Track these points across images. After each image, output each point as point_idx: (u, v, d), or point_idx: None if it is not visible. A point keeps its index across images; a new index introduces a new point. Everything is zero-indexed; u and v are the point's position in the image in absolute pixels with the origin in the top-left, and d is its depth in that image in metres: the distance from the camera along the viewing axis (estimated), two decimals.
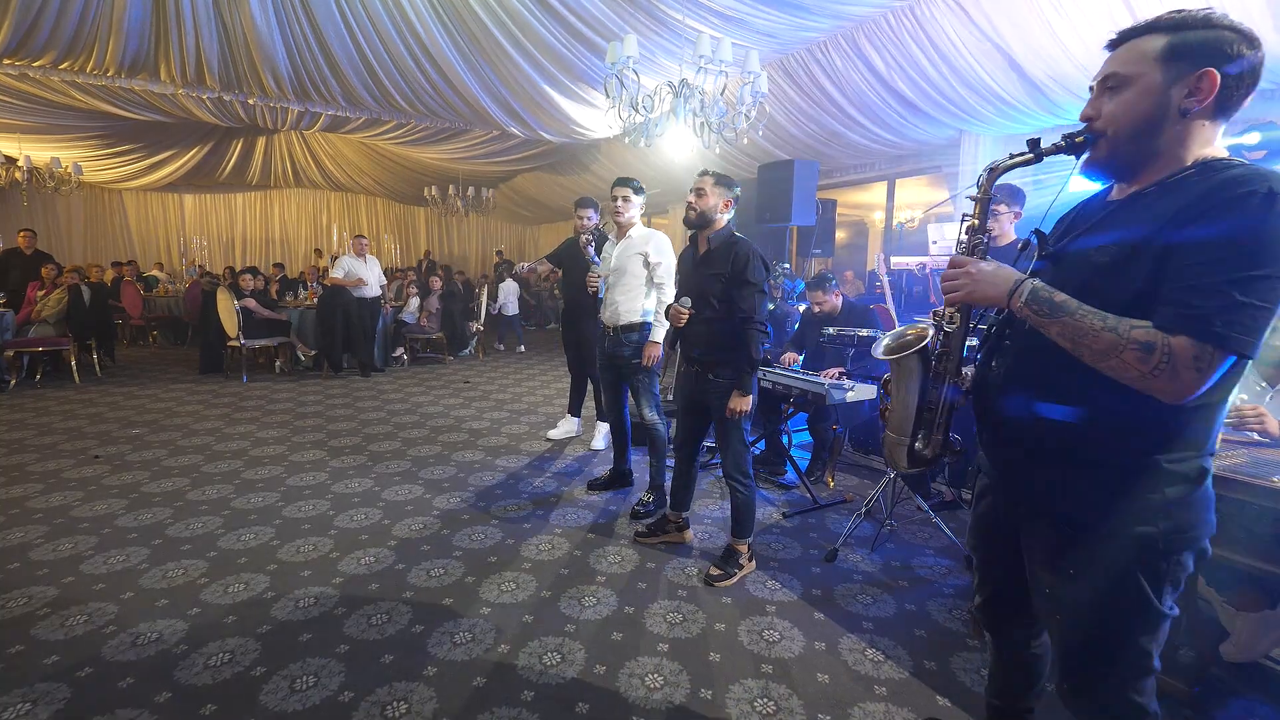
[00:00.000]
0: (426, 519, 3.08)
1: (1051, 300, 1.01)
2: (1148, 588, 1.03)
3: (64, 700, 1.81)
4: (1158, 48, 0.99)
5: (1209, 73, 0.96)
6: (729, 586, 2.50)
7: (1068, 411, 1.05)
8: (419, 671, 1.96)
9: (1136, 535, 1.02)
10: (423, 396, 5.78)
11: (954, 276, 1.13)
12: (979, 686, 1.93)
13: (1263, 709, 1.83)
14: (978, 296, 1.11)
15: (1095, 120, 1.06)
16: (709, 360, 2.50)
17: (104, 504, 3.21)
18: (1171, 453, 1.01)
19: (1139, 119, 1.01)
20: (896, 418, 1.29)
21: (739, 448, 2.51)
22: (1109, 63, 1.06)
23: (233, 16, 5.21)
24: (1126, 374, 0.94)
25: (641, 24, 5.01)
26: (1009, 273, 1.08)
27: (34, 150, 8.74)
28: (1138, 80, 1.00)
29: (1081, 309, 0.98)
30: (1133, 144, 1.03)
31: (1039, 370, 1.09)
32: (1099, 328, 0.96)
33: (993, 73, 4.65)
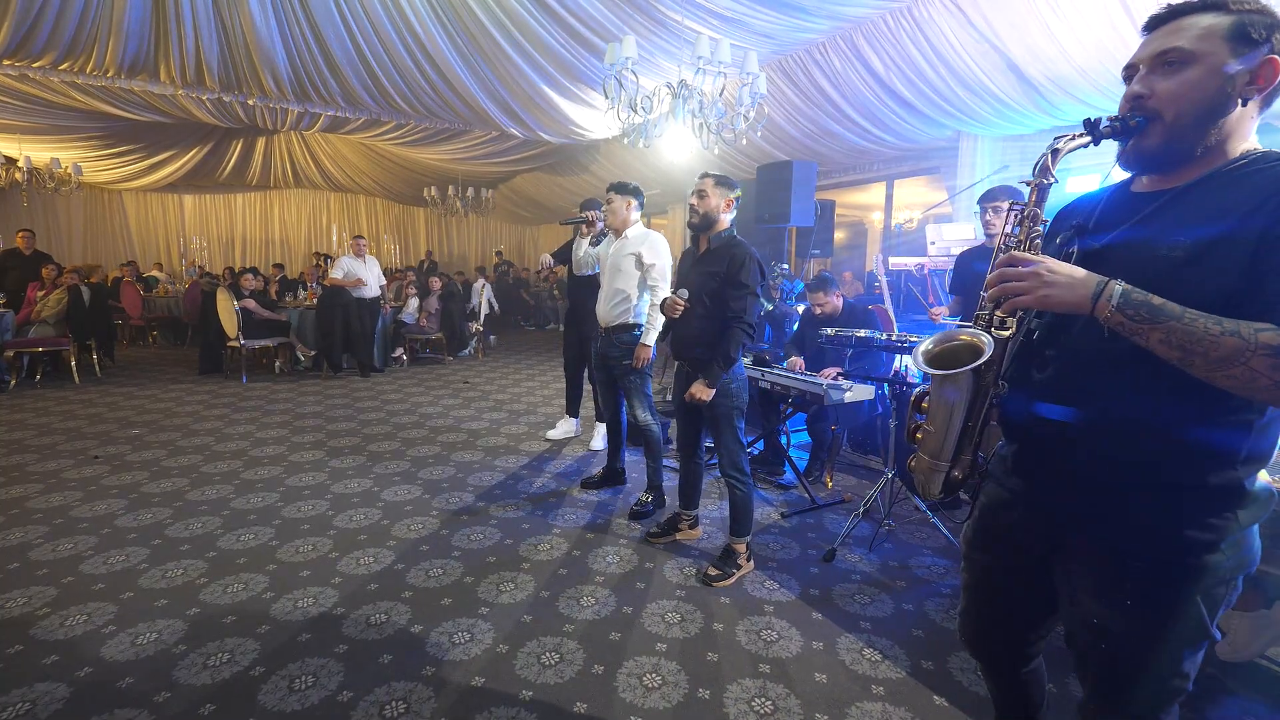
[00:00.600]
0: (425, 519, 3.09)
1: (1150, 304, 0.87)
2: (1206, 616, 0.96)
3: (63, 700, 1.82)
4: (1225, 25, 0.90)
5: (1273, 59, 0.90)
6: (727, 586, 2.51)
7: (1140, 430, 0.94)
8: (417, 672, 1.96)
9: (1206, 564, 0.93)
10: (422, 397, 5.79)
11: (1020, 276, 0.95)
12: (976, 686, 1.94)
13: (1258, 708, 1.84)
14: (1054, 301, 0.93)
15: (1148, 99, 0.95)
16: (699, 359, 2.53)
17: (103, 504, 3.22)
18: (1249, 469, 0.93)
19: (1203, 101, 0.92)
20: (935, 442, 1.10)
21: (733, 445, 2.54)
22: (1161, 37, 0.95)
23: (232, 17, 5.21)
24: (1255, 383, 0.82)
25: (640, 25, 5.02)
26: (1086, 274, 0.93)
27: (34, 151, 8.74)
28: (1204, 59, 0.91)
29: (1188, 313, 0.86)
30: (1194, 130, 0.93)
31: (1104, 384, 0.98)
32: (1217, 333, 0.83)
33: (990, 74, 4.66)
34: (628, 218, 3.20)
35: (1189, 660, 0.99)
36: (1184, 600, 0.95)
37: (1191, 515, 0.93)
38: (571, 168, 10.06)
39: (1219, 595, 0.96)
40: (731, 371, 2.49)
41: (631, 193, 3.19)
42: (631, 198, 3.19)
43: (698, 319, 2.50)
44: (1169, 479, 0.94)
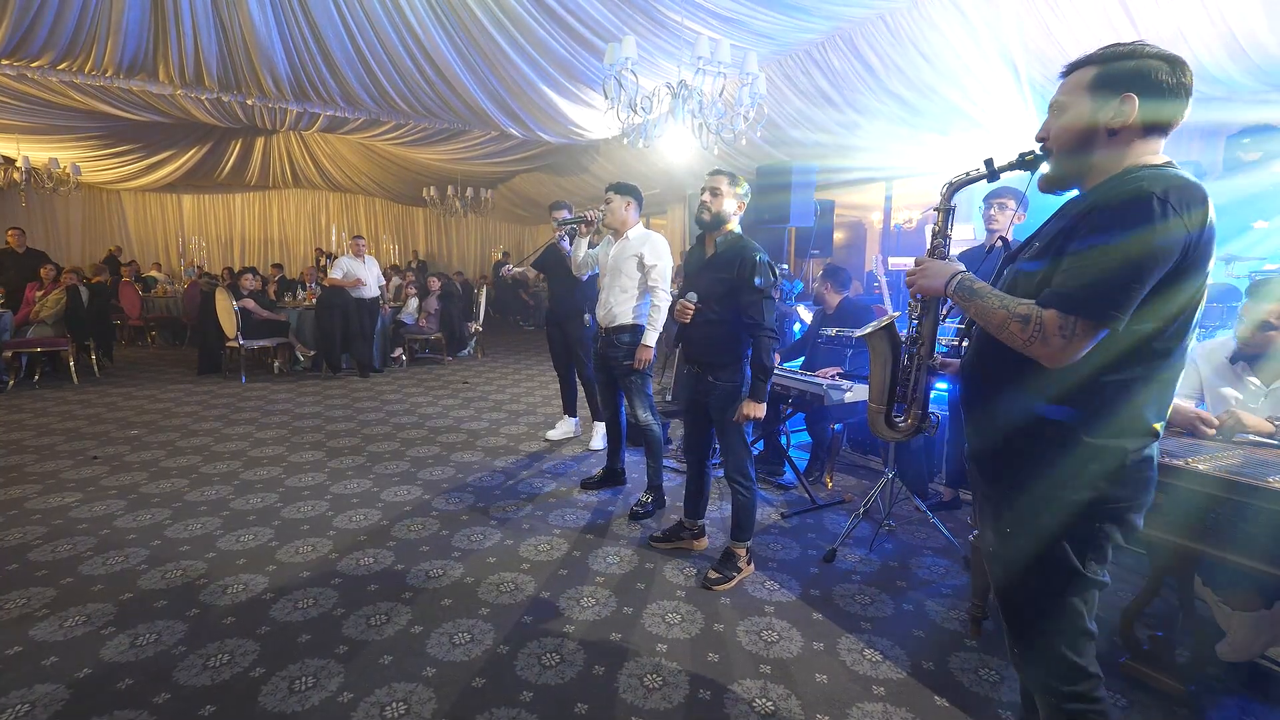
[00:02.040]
0: (425, 520, 3.09)
1: (971, 287, 1.21)
2: (1072, 551, 1.15)
3: (63, 702, 1.82)
4: (1089, 78, 1.16)
5: (1129, 97, 1.11)
6: (727, 590, 2.50)
7: (1004, 388, 1.22)
8: (418, 672, 1.96)
9: (1066, 500, 1.14)
10: (421, 397, 5.78)
11: (911, 271, 1.36)
12: (977, 686, 1.94)
13: (1258, 708, 1.84)
14: (925, 286, 1.32)
15: (1046, 140, 1.24)
16: (709, 362, 2.50)
17: (102, 505, 3.21)
18: (1093, 432, 1.13)
19: (1074, 137, 1.18)
20: (874, 389, 1.51)
21: (740, 450, 2.52)
22: (1058, 90, 1.23)
23: (231, 17, 5.20)
24: (1014, 342, 1.12)
25: (640, 25, 5.02)
26: (949, 266, 1.29)
27: (32, 151, 8.73)
28: (1071, 107, 1.18)
29: (991, 293, 1.18)
30: (1071, 159, 1.20)
31: (986, 352, 1.27)
32: (995, 306, 1.16)
33: (990, 74, 4.66)
34: (627, 218, 3.20)
35: (1075, 598, 1.17)
36: (1047, 529, 1.16)
37: (1047, 458, 1.16)
38: (571, 168, 10.05)
39: (1086, 536, 1.15)
40: (744, 377, 2.46)
41: (630, 193, 3.18)
42: (630, 198, 3.18)
43: (707, 323, 2.46)
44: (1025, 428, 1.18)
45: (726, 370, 2.46)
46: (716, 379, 2.48)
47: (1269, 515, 1.54)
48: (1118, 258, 1.03)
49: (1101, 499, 1.13)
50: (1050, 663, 1.20)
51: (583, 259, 3.62)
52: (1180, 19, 3.73)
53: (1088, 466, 1.13)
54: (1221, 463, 1.67)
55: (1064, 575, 1.16)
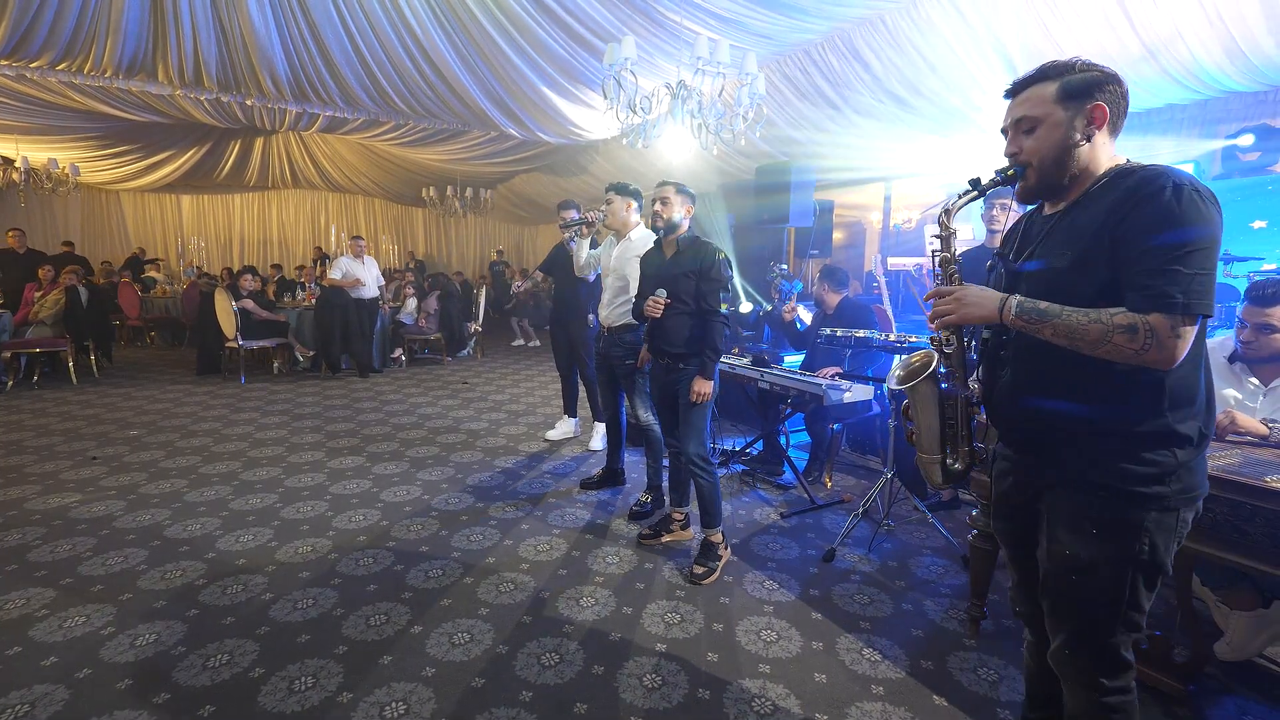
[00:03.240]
0: (425, 520, 3.09)
1: (1037, 308, 1.17)
2: (1160, 544, 1.16)
3: (62, 702, 1.82)
4: (1052, 93, 1.21)
5: (1099, 105, 1.19)
6: (715, 581, 2.53)
7: (1077, 398, 1.19)
8: (417, 672, 1.96)
9: (1154, 494, 1.14)
10: (421, 397, 5.78)
11: (945, 303, 1.28)
12: (976, 685, 1.95)
13: (1256, 707, 1.84)
14: (972, 317, 1.26)
15: (1020, 155, 1.26)
16: (679, 352, 2.65)
17: (102, 505, 3.21)
18: (1177, 414, 1.14)
19: (1054, 148, 1.22)
20: (925, 439, 1.41)
21: (701, 434, 2.62)
22: (1016, 108, 1.27)
23: (230, 18, 5.20)
24: (1120, 355, 1.10)
25: (639, 26, 5.02)
26: (991, 293, 1.25)
27: (31, 151, 8.72)
28: (1045, 119, 1.22)
29: (1065, 310, 1.14)
30: (1054, 168, 1.23)
31: (1043, 368, 1.23)
32: (1085, 322, 1.12)
33: (988, 74, 4.67)
34: (628, 219, 3.21)
35: (1145, 594, 1.19)
36: (1136, 525, 1.16)
37: (1134, 454, 1.15)
38: (570, 168, 10.05)
39: (1167, 525, 1.16)
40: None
41: (631, 194, 3.19)
42: (631, 199, 3.19)
43: (676, 316, 2.62)
44: (1106, 429, 1.18)
45: (696, 359, 2.62)
46: (687, 365, 2.64)
47: (1267, 515, 1.54)
48: (1195, 250, 1.06)
49: (1183, 488, 1.15)
50: (1103, 658, 1.21)
51: (585, 260, 3.63)
52: (1178, 19, 3.74)
53: (1176, 454, 1.14)
54: (1219, 462, 1.68)
55: (1147, 570, 1.17)
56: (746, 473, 3.81)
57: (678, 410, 2.73)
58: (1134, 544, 1.16)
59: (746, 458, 3.94)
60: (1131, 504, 1.16)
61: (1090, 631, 1.22)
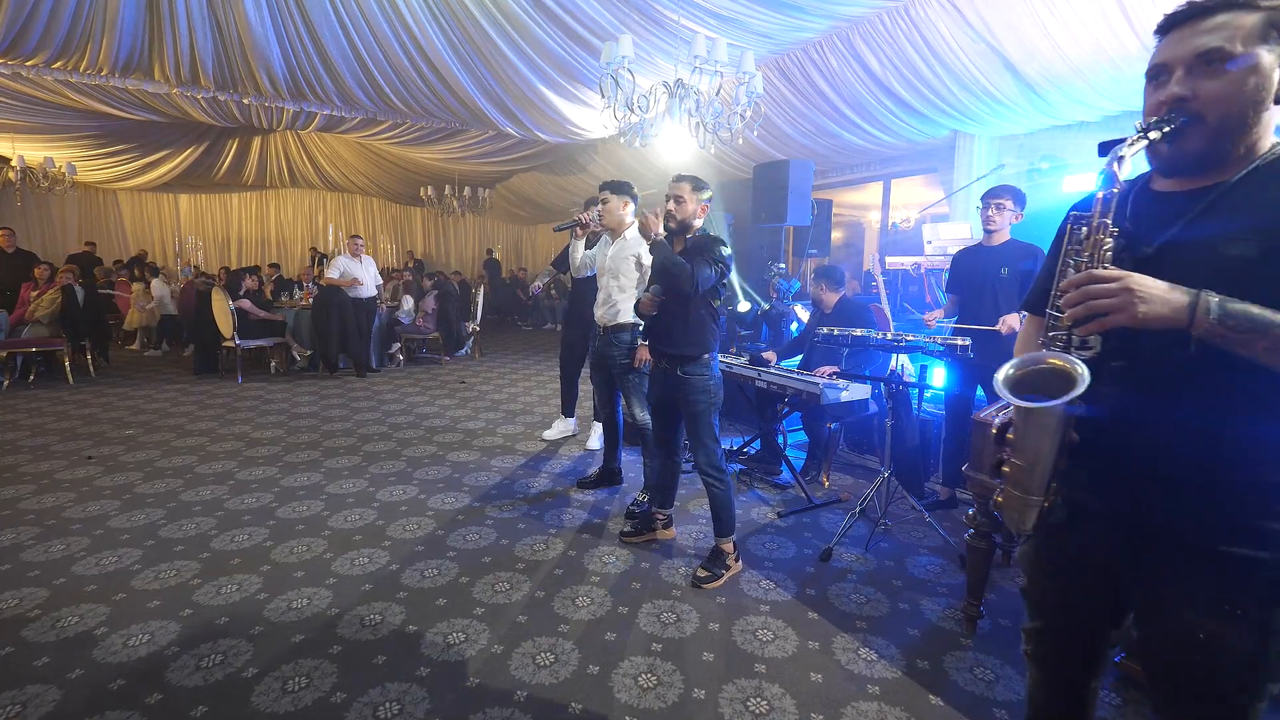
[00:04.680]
0: (421, 519, 3.08)
1: (1250, 314, 0.85)
2: None
3: (54, 702, 1.81)
4: (1258, 23, 0.89)
5: None
6: (718, 588, 2.50)
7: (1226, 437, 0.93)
8: (412, 672, 1.95)
9: None
10: (418, 397, 5.77)
11: (1110, 293, 0.90)
12: (972, 686, 1.94)
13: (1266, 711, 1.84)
14: (1151, 318, 0.89)
15: (1191, 101, 0.92)
16: (678, 355, 2.54)
17: (97, 505, 3.20)
18: None
19: (1248, 101, 0.90)
20: (1026, 475, 1.03)
21: (710, 443, 2.55)
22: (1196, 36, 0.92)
23: (227, 15, 5.19)
24: None
25: (637, 24, 5.01)
26: (1175, 287, 0.90)
27: (28, 150, 8.70)
28: (1245, 59, 0.89)
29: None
30: (1237, 129, 0.92)
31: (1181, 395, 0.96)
32: None
33: (987, 73, 4.66)
34: (624, 218, 3.20)
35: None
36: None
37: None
38: (569, 167, 10.04)
39: None
40: (712, 370, 2.53)
41: (627, 192, 3.18)
42: (627, 197, 3.18)
43: (679, 316, 2.52)
44: (1260, 479, 0.91)
45: (695, 364, 2.51)
46: (686, 373, 2.52)
47: None
48: None
49: None
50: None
51: (580, 260, 3.62)
52: None
53: None
54: None
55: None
56: (744, 472, 3.80)
57: (673, 413, 2.69)
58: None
59: (744, 457, 3.94)
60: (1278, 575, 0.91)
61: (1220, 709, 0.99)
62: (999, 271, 2.96)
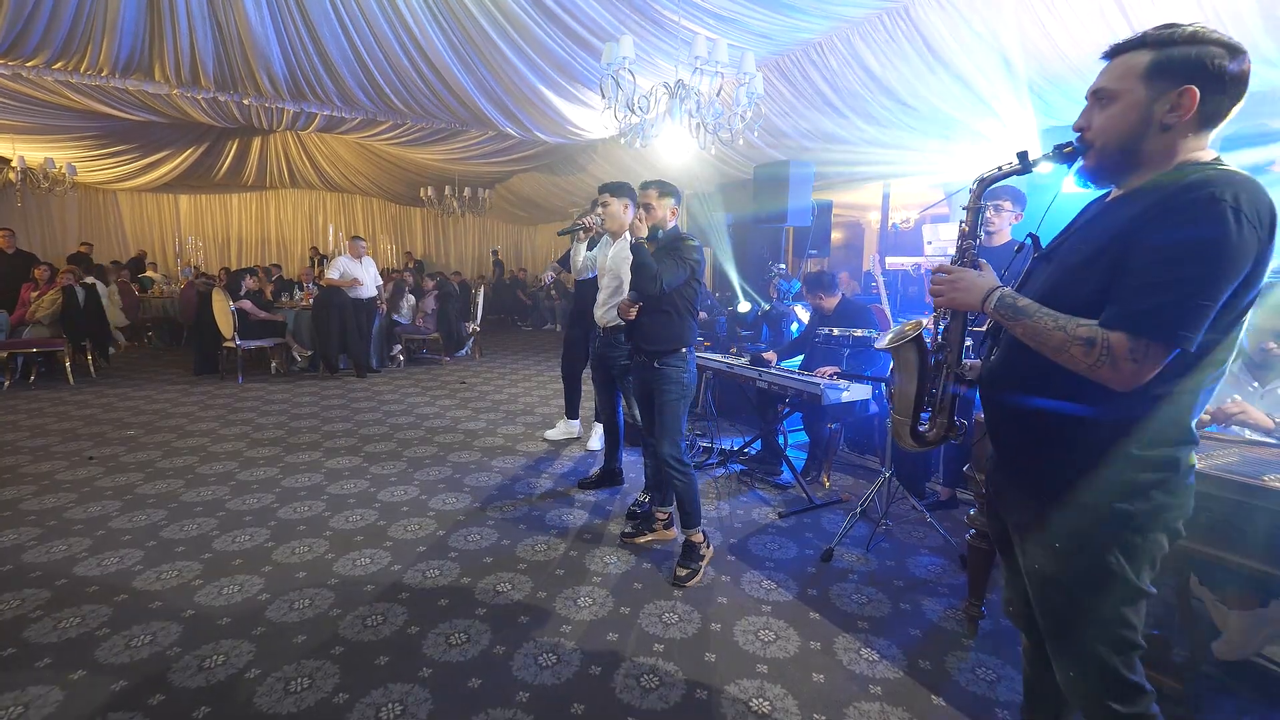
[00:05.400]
0: (422, 520, 3.08)
1: (1015, 305, 1.12)
2: (1125, 562, 1.10)
3: (56, 704, 1.81)
4: (1143, 64, 1.05)
5: (1189, 90, 1.02)
6: (699, 582, 2.51)
7: (1046, 399, 1.14)
8: (414, 673, 1.95)
9: (1115, 511, 1.09)
10: (419, 397, 5.77)
11: (939, 282, 1.26)
12: (974, 686, 1.94)
13: (1255, 707, 1.84)
14: (958, 302, 1.23)
15: (1086, 131, 1.14)
16: (656, 350, 2.60)
17: (98, 506, 3.20)
18: (1141, 442, 1.08)
19: (1123, 132, 1.08)
20: (900, 400, 1.43)
21: (673, 433, 2.56)
22: (1101, 76, 1.12)
23: (227, 16, 5.18)
24: (1076, 366, 1.05)
25: (637, 25, 5.01)
26: (985, 281, 1.19)
27: (28, 150, 8.69)
28: (1123, 96, 1.07)
29: (1040, 312, 1.09)
30: (1119, 154, 1.10)
31: (1021, 362, 1.19)
32: (1051, 327, 1.07)
33: (986, 73, 4.66)
34: (625, 220, 3.19)
35: (1128, 612, 1.12)
36: (1097, 541, 1.11)
37: (1097, 469, 1.10)
38: (569, 168, 10.03)
39: (1137, 546, 1.09)
40: (686, 364, 2.59)
41: (627, 193, 3.18)
42: (627, 199, 3.18)
43: (654, 314, 2.58)
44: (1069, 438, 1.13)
45: (671, 356, 2.58)
46: (663, 364, 2.58)
47: (1265, 514, 1.54)
48: (1192, 274, 0.95)
49: (1155, 509, 1.08)
50: (1107, 683, 1.14)
51: (582, 262, 3.63)
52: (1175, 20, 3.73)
53: (1141, 477, 1.08)
54: (1218, 461, 1.67)
55: (1120, 589, 1.11)
56: (745, 472, 3.80)
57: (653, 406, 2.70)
58: (1100, 561, 1.10)
59: (745, 457, 3.94)
60: (1094, 519, 1.10)
61: (1078, 651, 1.16)
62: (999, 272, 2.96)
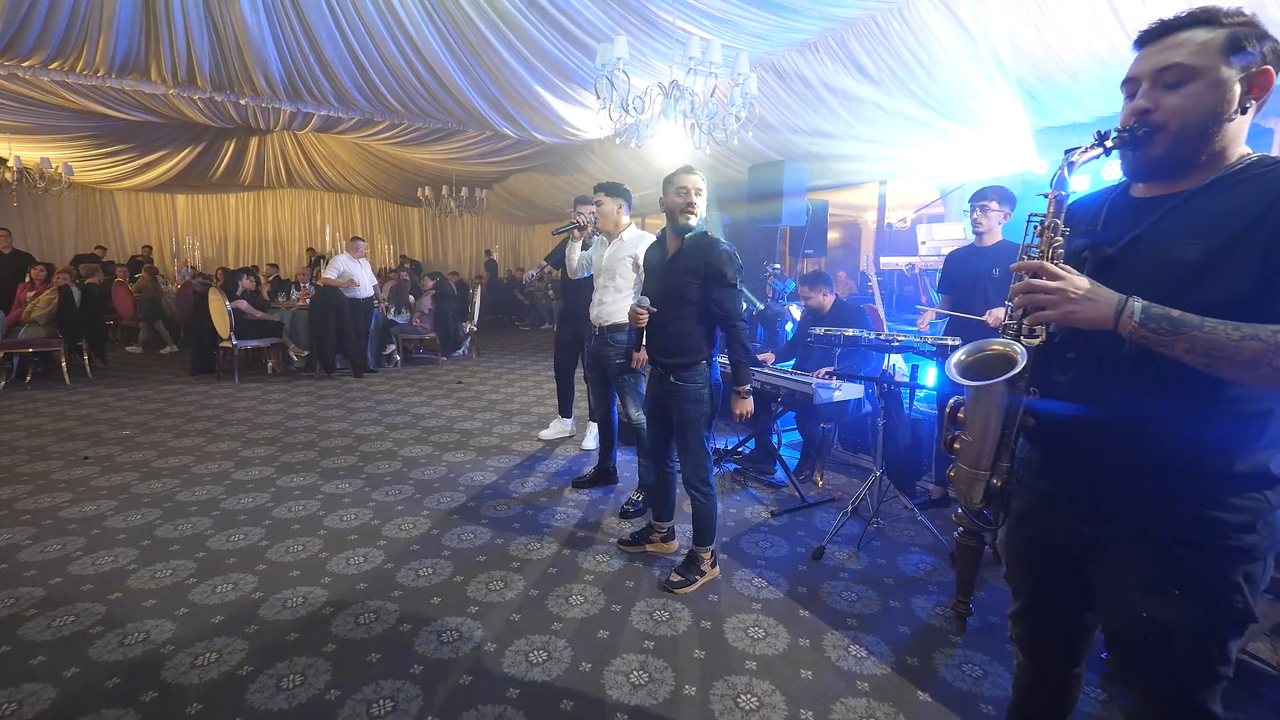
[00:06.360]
0: (416, 519, 3.09)
1: (1170, 317, 0.92)
2: (1249, 597, 0.99)
3: (49, 701, 1.82)
4: (1220, 39, 0.95)
5: (1267, 70, 0.95)
6: (689, 594, 2.45)
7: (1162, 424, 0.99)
8: (405, 670, 1.97)
9: (1244, 545, 0.97)
10: (415, 397, 5.78)
11: (1046, 290, 0.98)
12: (961, 682, 1.96)
13: (1240, 704, 1.86)
14: (1078, 318, 0.97)
15: (1153, 113, 1.00)
16: (672, 363, 2.44)
17: (93, 505, 3.21)
18: (1276, 454, 0.98)
19: (1206, 113, 0.97)
20: (974, 451, 1.12)
21: (700, 455, 2.45)
22: (1160, 52, 0.99)
23: (223, 16, 5.19)
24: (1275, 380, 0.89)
25: (632, 25, 5.02)
26: (1108, 292, 0.97)
27: (24, 150, 8.68)
28: (1206, 73, 0.95)
29: (1207, 322, 0.90)
30: (1198, 140, 0.98)
31: (1123, 383, 1.02)
32: (1238, 338, 0.89)
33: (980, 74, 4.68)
34: (619, 220, 3.22)
35: (1233, 644, 1.02)
36: (1228, 582, 0.98)
37: (1223, 500, 0.97)
38: (566, 168, 10.05)
39: (1257, 574, 0.99)
40: (707, 379, 2.43)
41: (621, 194, 3.20)
42: (621, 199, 3.20)
43: (675, 321, 2.42)
44: (1195, 468, 0.98)
45: (690, 371, 2.41)
46: (679, 380, 2.42)
47: None
48: None
49: (1275, 531, 0.98)
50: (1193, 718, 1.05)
51: (578, 262, 3.64)
52: None
53: (1269, 497, 0.97)
54: None
55: (1237, 625, 1.00)
56: (738, 472, 3.82)
57: (668, 423, 2.58)
58: (1225, 601, 0.98)
59: (738, 457, 3.96)
60: (1220, 560, 0.98)
61: (1174, 693, 1.05)
62: (990, 272, 2.98)
